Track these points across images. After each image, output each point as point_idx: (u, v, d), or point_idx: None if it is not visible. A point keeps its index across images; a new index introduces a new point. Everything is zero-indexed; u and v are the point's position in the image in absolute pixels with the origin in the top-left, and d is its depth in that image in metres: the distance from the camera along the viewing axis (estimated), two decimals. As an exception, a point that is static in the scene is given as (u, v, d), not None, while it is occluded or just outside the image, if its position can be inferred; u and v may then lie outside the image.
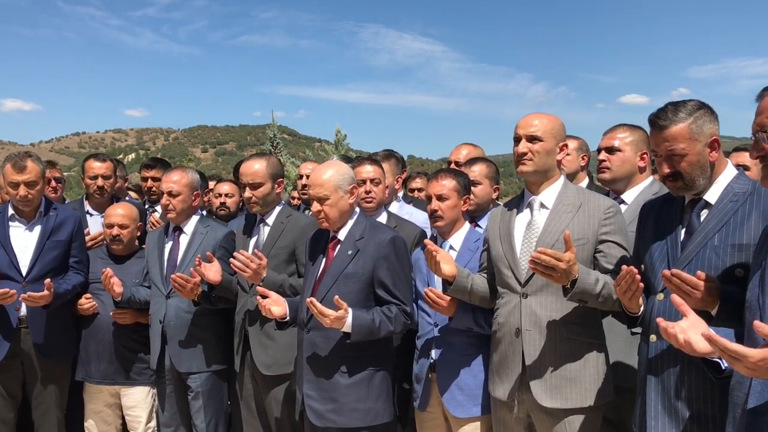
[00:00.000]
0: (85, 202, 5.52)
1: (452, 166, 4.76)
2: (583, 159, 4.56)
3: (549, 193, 3.27)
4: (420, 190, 6.29)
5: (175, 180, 4.45)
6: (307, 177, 5.64)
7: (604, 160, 3.81)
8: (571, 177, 4.37)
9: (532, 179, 3.28)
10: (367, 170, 4.26)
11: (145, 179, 6.02)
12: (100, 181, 5.38)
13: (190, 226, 4.54)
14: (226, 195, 5.96)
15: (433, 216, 3.76)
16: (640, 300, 2.78)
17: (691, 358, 2.47)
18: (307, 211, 5.54)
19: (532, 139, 3.20)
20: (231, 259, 3.95)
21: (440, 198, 3.73)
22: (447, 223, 3.75)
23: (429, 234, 4.29)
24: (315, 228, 3.83)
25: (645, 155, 3.77)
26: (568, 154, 3.79)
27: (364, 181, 4.21)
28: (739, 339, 2.15)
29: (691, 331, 2.16)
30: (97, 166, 5.42)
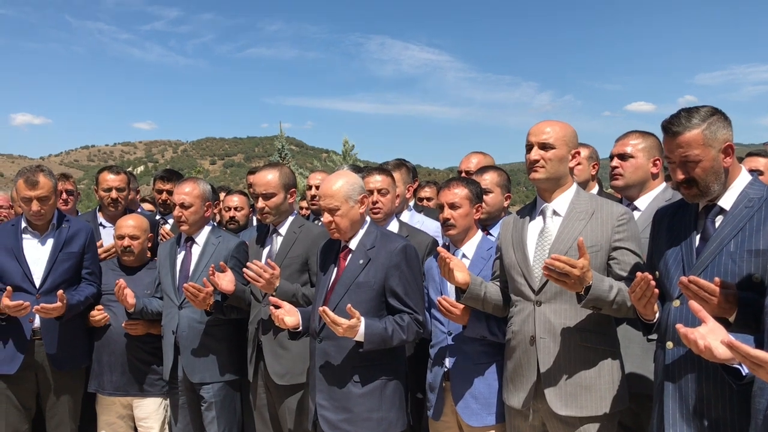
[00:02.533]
0: (98, 214, 5.54)
1: (462, 175, 4.76)
2: (593, 167, 4.55)
3: (561, 201, 3.26)
4: (429, 199, 6.28)
5: (187, 191, 4.46)
6: (317, 188, 5.65)
7: (616, 167, 3.81)
8: (582, 186, 4.36)
9: (545, 186, 3.28)
10: (375, 180, 4.26)
11: (160, 191, 6.03)
12: (114, 194, 5.40)
13: (202, 237, 4.55)
14: (236, 209, 5.96)
15: (446, 224, 3.76)
16: (655, 307, 2.77)
17: (708, 364, 2.45)
18: (317, 222, 5.54)
19: (544, 146, 3.20)
20: (244, 269, 3.97)
21: (453, 206, 3.73)
22: (459, 231, 3.74)
23: (441, 242, 4.29)
24: (327, 238, 3.83)
25: (658, 161, 3.76)
26: (579, 163, 3.77)
27: (371, 192, 4.22)
28: (759, 345, 2.14)
29: (711, 337, 2.14)
30: (111, 179, 5.44)
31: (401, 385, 3.56)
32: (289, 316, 3.63)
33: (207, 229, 4.58)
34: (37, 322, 4.43)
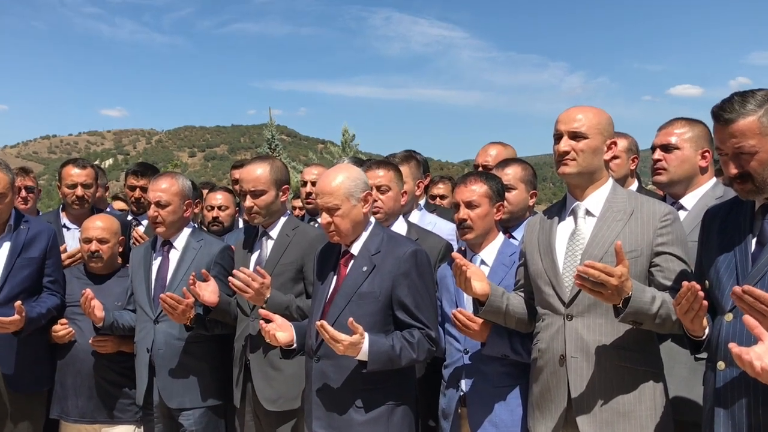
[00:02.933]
0: (62, 214, 5.56)
1: (480, 169, 4.76)
2: (633, 161, 4.56)
3: (595, 198, 3.27)
4: (443, 197, 6.28)
5: (164, 188, 4.48)
6: (313, 184, 5.67)
7: (659, 160, 3.81)
8: (619, 183, 4.36)
9: (576, 182, 3.28)
10: (375, 175, 4.27)
11: (132, 188, 6.04)
12: (79, 190, 5.41)
13: (181, 240, 4.56)
14: (219, 208, 5.98)
15: (462, 226, 3.76)
16: (705, 321, 2.77)
17: (765, 389, 2.45)
18: (313, 223, 5.55)
19: (575, 136, 3.20)
20: (230, 278, 3.97)
21: (470, 205, 3.73)
22: (478, 234, 3.75)
23: (456, 247, 4.29)
24: (325, 241, 3.83)
25: (707, 153, 3.76)
26: (616, 157, 3.78)
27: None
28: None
29: (769, 358, 2.14)
30: (76, 173, 5.45)
31: (410, 411, 3.56)
32: (282, 331, 3.63)
33: (187, 231, 4.60)
34: (-9, 338, 4.43)
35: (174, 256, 4.55)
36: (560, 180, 3.38)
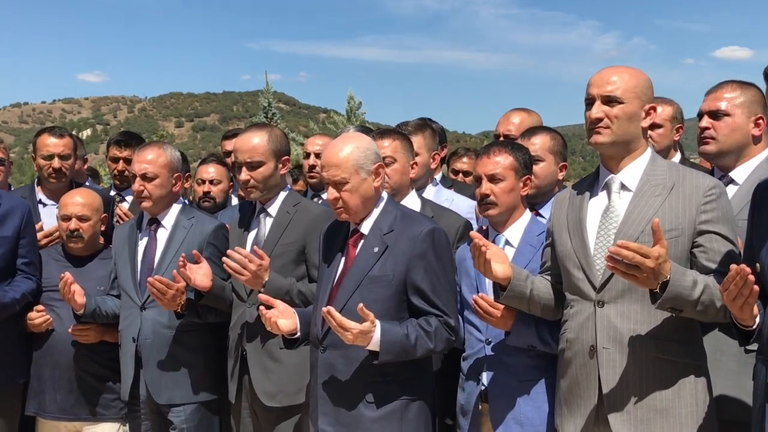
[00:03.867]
0: (37, 189, 5.57)
1: (501, 139, 4.75)
2: (677, 131, 4.54)
3: (632, 171, 3.27)
4: (467, 173, 6.25)
5: (150, 159, 4.49)
6: (316, 156, 5.67)
7: (707, 128, 3.79)
8: (661, 155, 4.36)
9: (610, 153, 3.29)
10: (381, 146, 4.17)
11: (115, 160, 6.06)
12: (56, 162, 5.40)
13: (169, 218, 4.59)
14: (211, 182, 6.00)
15: (484, 202, 3.77)
16: (755, 308, 2.77)
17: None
18: (316, 200, 5.56)
19: (609, 100, 3.20)
20: (224, 259, 4.00)
21: (493, 179, 3.74)
22: (502, 211, 3.76)
23: (476, 227, 4.29)
24: (331, 219, 3.86)
25: (761, 121, 3.74)
26: (658, 125, 3.75)
27: None
28: None
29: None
30: (53, 143, 5.44)
31: (427, 406, 3.58)
32: (283, 318, 3.65)
33: (176, 208, 4.62)
34: (-40, 326, 4.49)
35: (162, 235, 4.57)
36: (591, 153, 3.39)
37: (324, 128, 34.50)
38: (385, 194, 3.71)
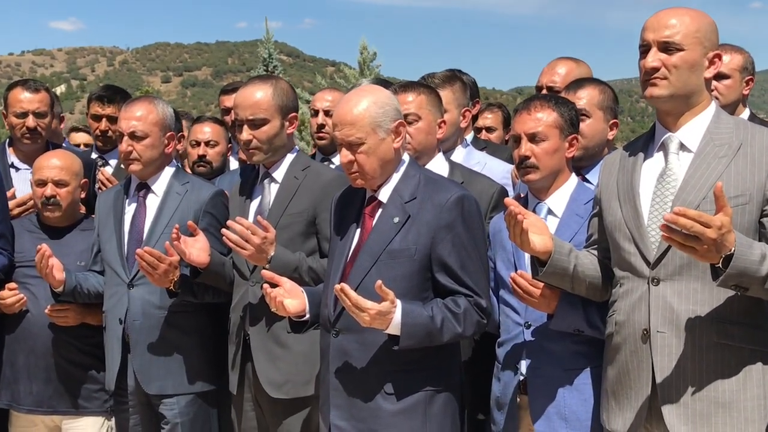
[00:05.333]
0: (8, 151, 5.60)
1: (543, 92, 4.75)
2: (747, 84, 4.54)
3: (692, 129, 3.28)
4: (490, 129, 6.26)
5: (139, 116, 4.51)
6: (325, 114, 5.69)
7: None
8: (727, 111, 4.36)
9: (668, 107, 3.30)
10: (400, 101, 4.11)
11: (97, 118, 6.09)
12: (31, 121, 5.40)
13: (161, 183, 4.62)
14: (207, 143, 6.02)
15: (524, 165, 3.77)
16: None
17: None
18: (327, 164, 5.58)
19: (667, 47, 3.20)
20: (223, 231, 4.03)
21: (534, 138, 3.75)
22: (544, 175, 3.77)
23: (511, 193, 4.31)
24: (344, 185, 3.89)
25: None
26: (725, 76, 3.73)
27: None
28: None
29: None
30: (27, 99, 5.44)
31: (454, 399, 3.63)
32: (292, 298, 3.69)
33: (168, 171, 4.66)
34: None
35: (153, 202, 4.60)
36: (641, 112, 3.40)
37: (333, 84, 34.39)
38: (406, 156, 3.73)
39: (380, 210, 3.65)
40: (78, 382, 4.76)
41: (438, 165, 4.33)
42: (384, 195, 3.65)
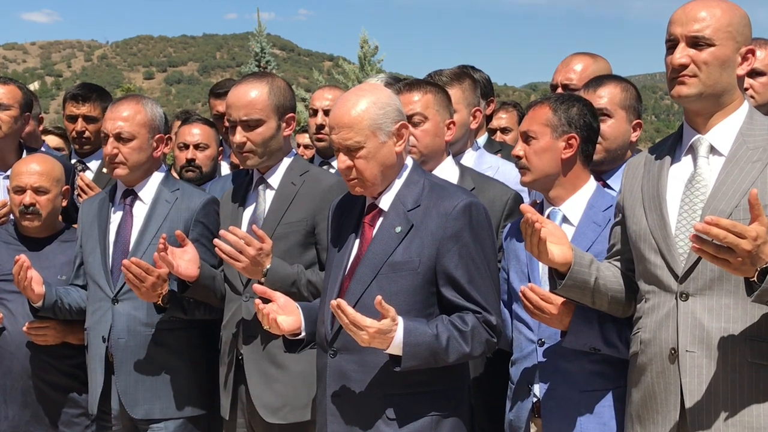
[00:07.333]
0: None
1: (559, 91, 4.75)
2: (785, 81, 4.53)
3: (724, 130, 3.28)
4: (505, 130, 6.26)
5: (126, 116, 4.51)
6: (325, 113, 5.68)
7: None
8: (761, 111, 4.35)
9: (697, 107, 3.29)
10: (405, 101, 4.19)
11: (73, 118, 6.08)
12: (5, 121, 5.41)
13: (149, 190, 4.62)
14: (197, 146, 6.00)
15: (518, 167, 3.84)
16: None
17: None
18: (326, 167, 5.58)
19: (696, 42, 3.20)
20: (215, 241, 4.03)
21: (527, 138, 3.78)
22: (536, 177, 3.81)
23: (527, 199, 4.30)
24: (343, 192, 3.88)
25: None
26: (760, 73, 3.71)
27: None
28: None
29: None
30: (-1, 94, 5.45)
31: (462, 424, 3.61)
32: (285, 314, 3.68)
33: (157, 177, 4.66)
34: None
35: (140, 210, 4.60)
36: (666, 110, 3.37)
37: (331, 80, 34.40)
38: (410, 160, 3.73)
39: (381, 219, 3.65)
40: (58, 406, 4.77)
41: (447, 169, 4.34)
42: (385, 203, 3.65)
